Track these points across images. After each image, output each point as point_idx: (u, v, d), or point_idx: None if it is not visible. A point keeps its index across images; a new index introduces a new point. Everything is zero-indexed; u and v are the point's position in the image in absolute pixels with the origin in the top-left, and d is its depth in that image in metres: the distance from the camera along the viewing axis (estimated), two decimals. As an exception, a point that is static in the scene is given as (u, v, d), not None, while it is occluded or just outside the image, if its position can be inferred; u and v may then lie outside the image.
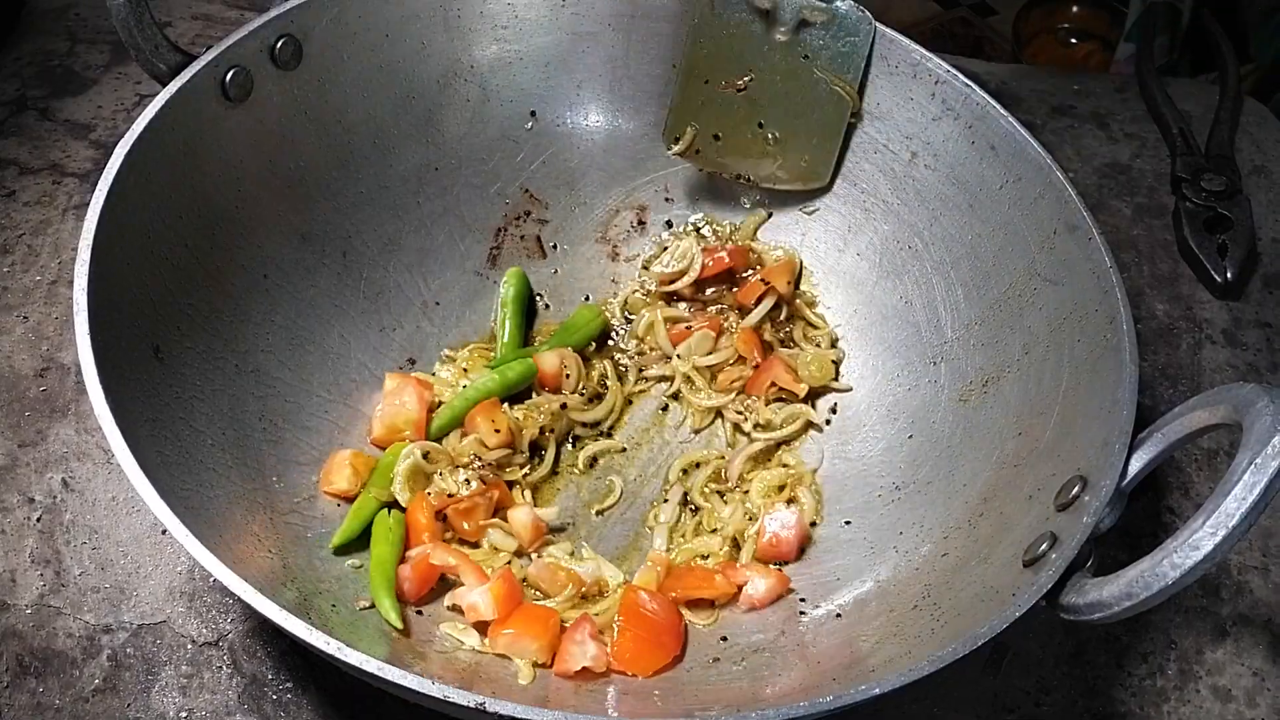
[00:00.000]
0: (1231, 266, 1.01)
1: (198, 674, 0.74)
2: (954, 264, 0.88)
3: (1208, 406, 0.63)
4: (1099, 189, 1.09)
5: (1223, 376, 0.96)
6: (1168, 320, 1.00)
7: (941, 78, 0.88)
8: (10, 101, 1.05)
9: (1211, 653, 0.80)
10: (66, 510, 0.80)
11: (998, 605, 0.63)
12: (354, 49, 0.88)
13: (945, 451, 0.83)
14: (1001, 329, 0.84)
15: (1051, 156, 0.82)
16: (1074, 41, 1.48)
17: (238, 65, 0.80)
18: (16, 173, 0.99)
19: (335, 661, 0.57)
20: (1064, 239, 0.80)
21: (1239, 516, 0.54)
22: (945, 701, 0.77)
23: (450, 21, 0.92)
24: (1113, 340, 0.73)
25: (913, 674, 0.58)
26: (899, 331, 0.91)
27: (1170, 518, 0.87)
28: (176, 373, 0.74)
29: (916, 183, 0.91)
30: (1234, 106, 1.15)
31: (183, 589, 0.77)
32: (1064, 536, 0.64)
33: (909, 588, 0.75)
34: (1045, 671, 0.78)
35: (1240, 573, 0.84)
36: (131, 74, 1.08)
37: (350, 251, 0.90)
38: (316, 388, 0.84)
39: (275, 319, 0.84)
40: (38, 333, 0.89)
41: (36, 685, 0.73)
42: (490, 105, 0.95)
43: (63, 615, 0.75)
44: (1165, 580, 0.56)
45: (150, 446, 0.66)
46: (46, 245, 0.94)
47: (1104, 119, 1.16)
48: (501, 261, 0.96)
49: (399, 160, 0.92)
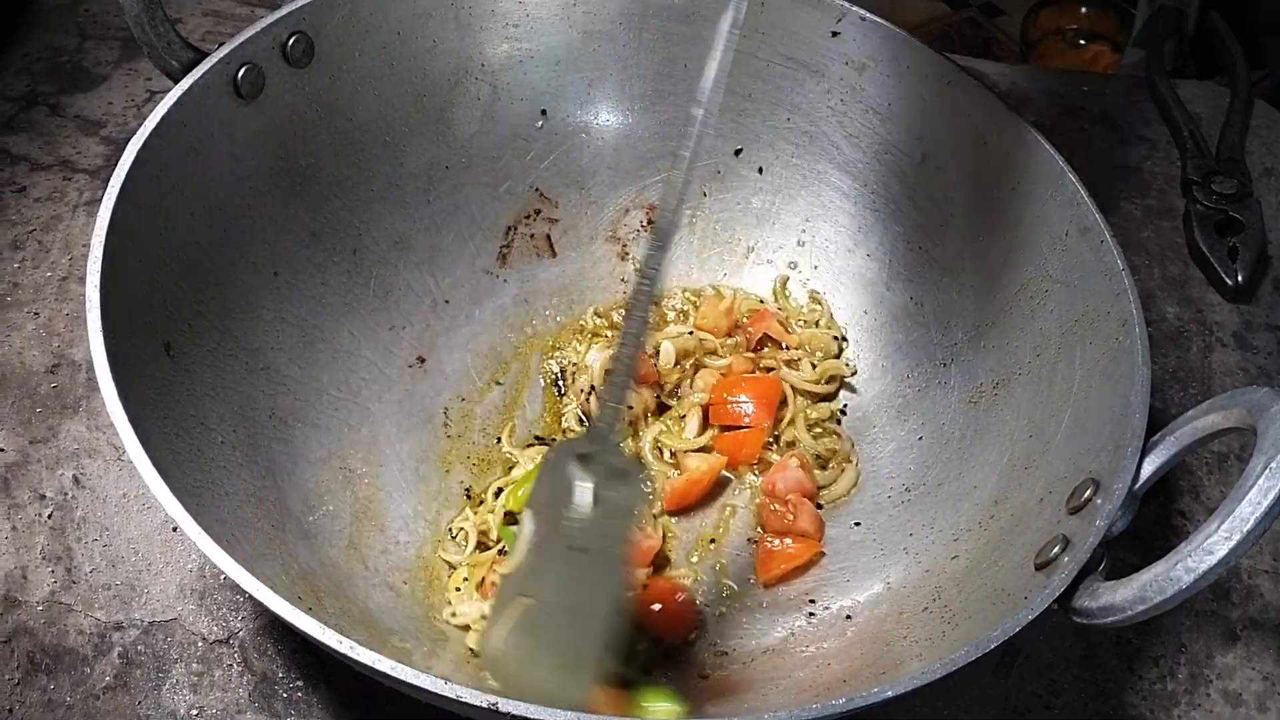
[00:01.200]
0: (1242, 269, 1.01)
1: (208, 672, 0.74)
2: (965, 265, 0.88)
3: (1221, 410, 0.63)
4: (1109, 191, 1.09)
5: (1233, 380, 0.96)
6: (1178, 323, 1.00)
7: (952, 79, 0.88)
8: (20, 98, 1.05)
9: (1222, 657, 0.80)
10: (78, 507, 0.80)
11: (1009, 608, 0.62)
12: (366, 47, 0.88)
13: (956, 453, 0.83)
14: (1012, 331, 0.83)
15: (1062, 158, 0.82)
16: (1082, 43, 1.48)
17: (249, 62, 0.80)
18: (27, 169, 0.99)
19: (346, 660, 0.57)
20: (1075, 241, 0.79)
21: (1253, 521, 0.54)
22: (956, 704, 0.76)
23: (462, 20, 0.92)
24: (1125, 343, 0.72)
25: (925, 676, 0.58)
26: (909, 333, 0.90)
27: (1181, 521, 0.87)
28: (188, 370, 0.74)
29: (927, 184, 0.90)
30: (1244, 109, 1.15)
31: (194, 586, 0.77)
32: (1076, 539, 0.64)
33: (919, 590, 0.75)
34: (1056, 675, 0.78)
35: (1251, 577, 0.84)
36: (142, 70, 1.08)
37: (360, 249, 0.89)
38: (327, 385, 0.84)
39: (286, 316, 0.84)
40: (49, 329, 0.89)
41: (47, 682, 0.73)
42: (501, 103, 0.95)
43: (74, 612, 0.75)
44: (1179, 584, 0.56)
45: (161, 443, 0.65)
46: (57, 241, 0.94)
47: (1114, 121, 1.16)
48: (511, 259, 0.96)
49: (410, 158, 0.92)
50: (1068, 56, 1.47)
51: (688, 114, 0.67)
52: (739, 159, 0.97)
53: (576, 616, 0.65)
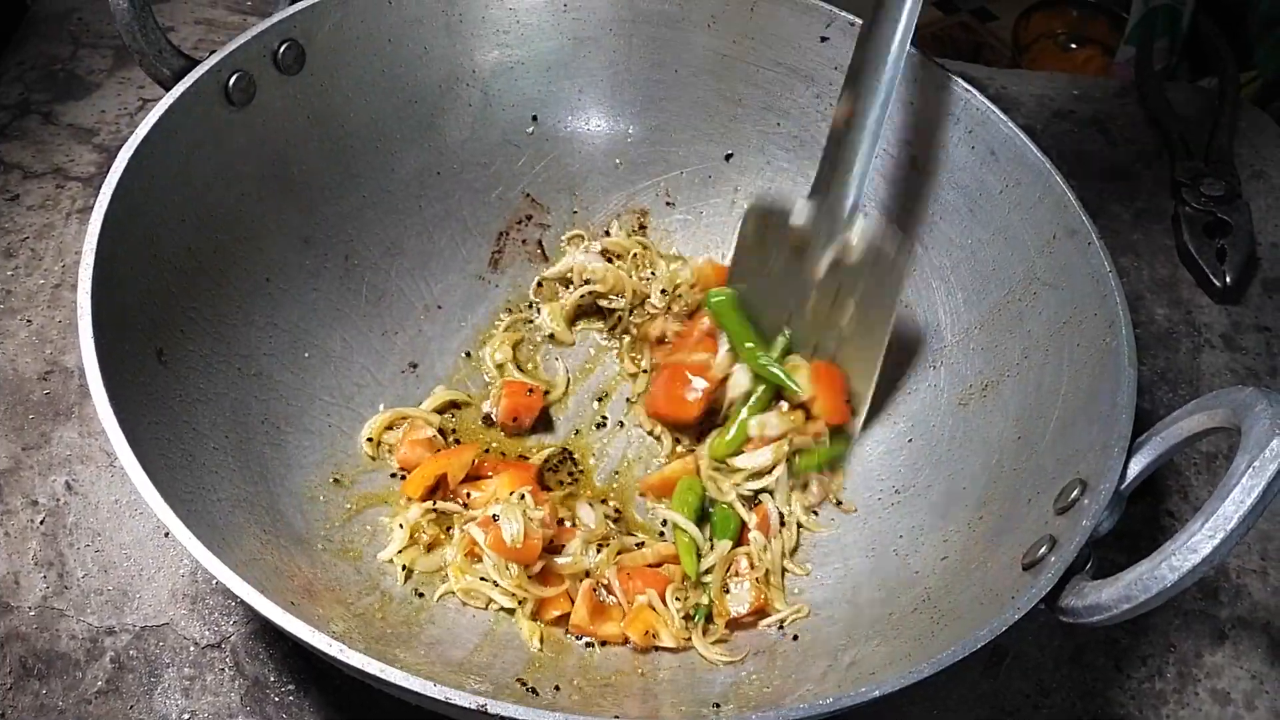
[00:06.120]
0: (1231, 271, 1.02)
1: (200, 676, 0.74)
2: (953, 268, 0.89)
3: (1206, 410, 0.64)
4: (1099, 193, 1.10)
5: (1222, 380, 0.96)
6: (1167, 324, 1.00)
7: (941, 83, 0.88)
8: (14, 106, 1.05)
9: (1210, 656, 0.80)
10: (70, 513, 0.80)
11: (997, 608, 0.63)
12: (356, 54, 0.88)
13: (944, 455, 0.83)
14: (1001, 333, 0.84)
15: (1051, 161, 0.82)
16: (1073, 47, 1.49)
17: (241, 70, 0.80)
18: (20, 177, 1.00)
19: (337, 663, 0.57)
20: (1063, 243, 0.80)
21: (1237, 520, 0.55)
22: (944, 704, 0.77)
23: (452, 26, 0.92)
24: (1112, 344, 0.73)
25: (912, 676, 0.58)
26: (898, 335, 0.91)
27: (1169, 521, 0.87)
28: (180, 376, 0.74)
29: (916, 187, 0.91)
30: (1233, 112, 1.15)
31: (185, 591, 0.78)
32: (1063, 539, 0.65)
33: (908, 590, 0.75)
34: (1044, 674, 0.79)
35: (1239, 576, 0.84)
36: (134, 78, 1.09)
37: (352, 255, 0.90)
38: (319, 391, 0.85)
39: (278, 322, 0.84)
40: (41, 336, 0.89)
41: (39, 687, 0.73)
42: (492, 110, 0.96)
43: (66, 617, 0.76)
44: (1164, 583, 0.56)
45: (153, 449, 0.66)
46: (50, 249, 0.95)
47: (1104, 124, 1.17)
48: (503, 265, 0.96)
49: (401, 164, 0.92)
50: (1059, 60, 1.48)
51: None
52: (729, 164, 0.98)
53: None
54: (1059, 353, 0.78)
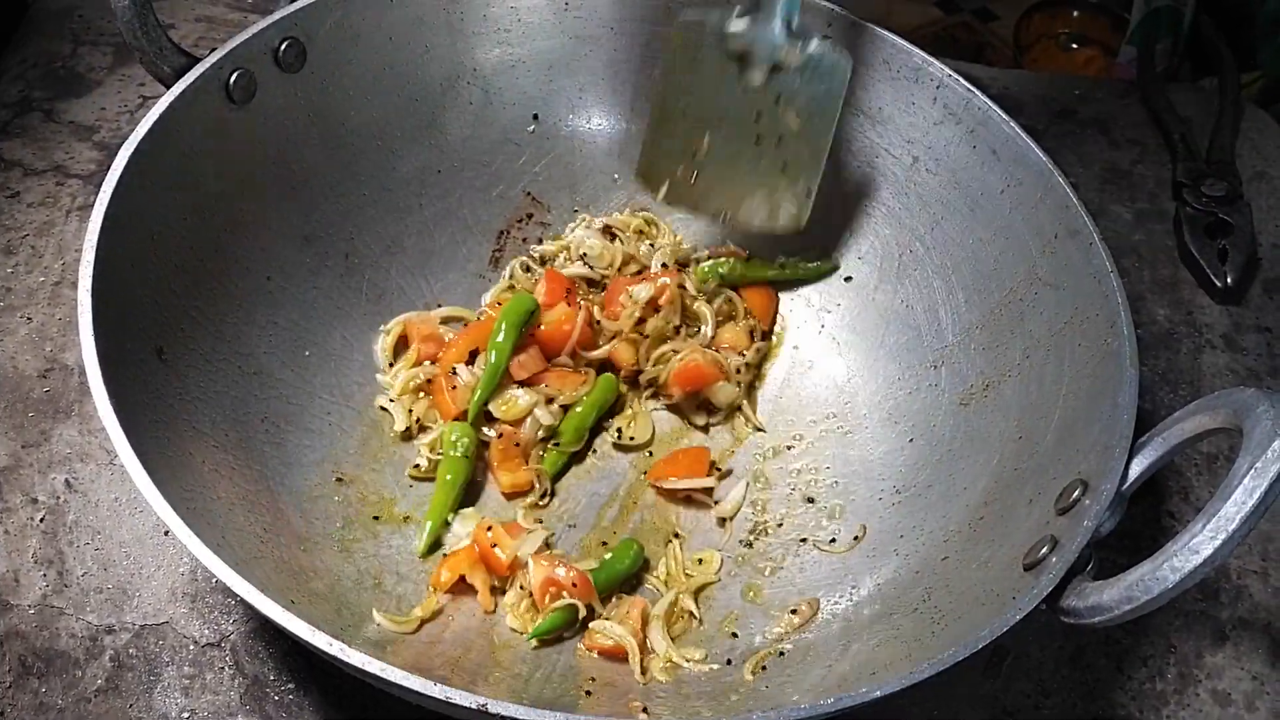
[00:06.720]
0: (1232, 271, 1.02)
1: (200, 675, 0.74)
2: (955, 268, 0.88)
3: (1208, 411, 0.64)
4: (1100, 194, 1.10)
5: (1223, 381, 0.96)
6: (1168, 325, 1.00)
7: (943, 82, 0.88)
8: (14, 103, 1.05)
9: (1211, 657, 0.80)
10: (69, 511, 0.80)
11: (998, 608, 0.63)
12: (357, 52, 0.88)
13: (946, 455, 0.83)
14: (1002, 333, 0.84)
15: (1053, 161, 0.82)
16: (1075, 47, 1.48)
17: (242, 67, 0.80)
18: (21, 174, 1.00)
19: (337, 662, 0.57)
20: (1065, 244, 0.80)
21: (1238, 520, 0.55)
22: (945, 704, 0.77)
23: (454, 25, 0.92)
24: (1113, 345, 0.73)
25: (913, 677, 0.58)
26: (900, 335, 0.91)
27: (1170, 522, 0.87)
28: (180, 374, 0.74)
29: (918, 187, 0.91)
30: (1235, 112, 1.15)
31: (185, 590, 0.77)
32: (1064, 540, 0.65)
33: (909, 591, 0.75)
34: (1045, 675, 0.79)
35: (1240, 577, 0.84)
36: (135, 76, 1.09)
37: (353, 253, 0.90)
38: (319, 389, 0.85)
39: (278, 321, 0.84)
40: (41, 334, 0.89)
41: (39, 685, 0.73)
42: (493, 108, 0.96)
43: (65, 616, 0.76)
44: (1165, 584, 0.56)
45: (153, 447, 0.66)
46: (50, 246, 0.95)
47: (1105, 124, 1.17)
48: (503, 263, 0.96)
49: (402, 163, 0.92)
50: (1060, 60, 1.48)
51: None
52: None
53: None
54: (1060, 353, 0.78)
